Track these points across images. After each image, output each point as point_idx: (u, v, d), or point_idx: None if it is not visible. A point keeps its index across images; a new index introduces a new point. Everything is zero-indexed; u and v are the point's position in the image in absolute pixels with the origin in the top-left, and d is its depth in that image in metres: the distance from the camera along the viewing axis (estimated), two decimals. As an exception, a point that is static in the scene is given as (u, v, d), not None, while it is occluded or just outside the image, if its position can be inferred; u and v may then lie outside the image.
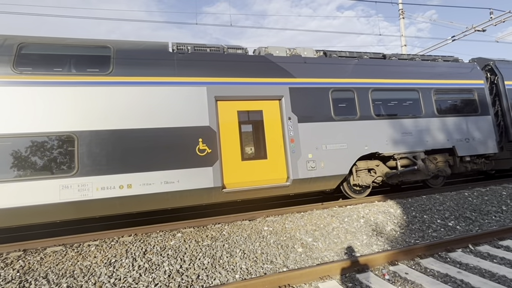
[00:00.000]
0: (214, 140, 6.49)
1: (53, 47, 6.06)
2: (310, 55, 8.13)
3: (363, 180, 7.76)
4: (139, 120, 6.08)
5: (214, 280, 4.03)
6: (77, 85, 5.85)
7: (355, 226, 5.78)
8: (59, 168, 5.56)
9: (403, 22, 16.21)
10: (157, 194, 5.98)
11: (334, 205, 7.42)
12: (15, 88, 5.53)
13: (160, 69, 6.44)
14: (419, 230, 5.63)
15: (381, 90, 8.12)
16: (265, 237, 5.35)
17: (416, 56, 9.37)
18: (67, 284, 3.97)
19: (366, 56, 8.65)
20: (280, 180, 6.97)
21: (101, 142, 5.80)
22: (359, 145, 7.57)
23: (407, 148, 8.02)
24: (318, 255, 4.72)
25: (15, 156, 5.37)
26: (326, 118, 7.41)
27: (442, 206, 6.78)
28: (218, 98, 6.73)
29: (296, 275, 3.79)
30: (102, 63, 6.18)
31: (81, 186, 5.59)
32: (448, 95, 8.85)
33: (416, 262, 4.24)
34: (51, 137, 5.59)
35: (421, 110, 8.39)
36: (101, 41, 6.44)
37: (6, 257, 4.89)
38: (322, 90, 7.53)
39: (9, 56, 5.67)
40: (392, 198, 7.73)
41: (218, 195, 6.44)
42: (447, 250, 4.56)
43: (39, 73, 5.74)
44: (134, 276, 4.13)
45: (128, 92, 6.11)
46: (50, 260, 4.71)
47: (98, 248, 5.10)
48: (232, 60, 7.10)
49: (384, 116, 7.98)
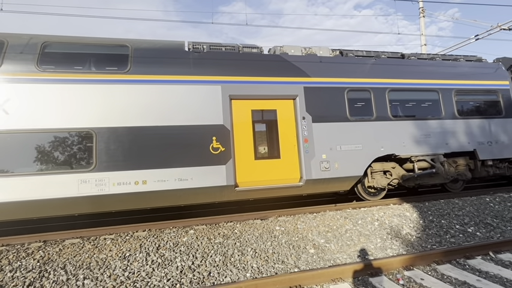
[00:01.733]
0: (228, 139, 6.52)
1: (74, 45, 6.26)
2: (326, 54, 8.02)
3: (378, 183, 7.60)
4: (155, 117, 6.20)
5: (225, 278, 4.05)
6: (96, 83, 6.02)
7: (369, 229, 5.67)
8: (78, 163, 5.75)
9: (423, 21, 15.74)
10: (171, 190, 6.07)
11: (348, 207, 7.31)
12: (38, 85, 5.75)
13: (177, 68, 6.53)
14: (437, 235, 5.46)
15: (399, 90, 7.92)
16: (277, 236, 5.33)
17: (436, 55, 9.08)
18: (84, 276, 4.09)
19: (383, 56, 8.45)
20: (293, 180, 6.92)
21: (118, 139, 5.95)
22: (375, 146, 7.42)
23: (426, 150, 7.78)
24: (330, 257, 4.66)
25: (37, 151, 5.59)
26: (341, 118, 7.29)
27: (461, 211, 6.54)
28: (232, 97, 6.75)
29: (308, 276, 3.75)
30: (121, 62, 6.33)
31: (99, 181, 5.75)
32: (470, 96, 8.52)
33: (432, 268, 4.11)
34: (72, 132, 5.78)
35: (441, 111, 8.12)
36: (120, 40, 6.60)
37: (28, 247, 5.10)
38: (338, 90, 7.42)
39: (33, 54, 5.91)
40: (409, 202, 7.53)
41: (231, 193, 6.47)
42: (466, 257, 4.40)
43: (61, 71, 5.95)
44: (147, 271, 4.22)
45: (145, 89, 6.23)
46: (68, 251, 4.88)
47: (113, 242, 5.23)
48: (247, 59, 7.11)
49: (402, 117, 7.77)
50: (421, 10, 15.72)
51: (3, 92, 5.58)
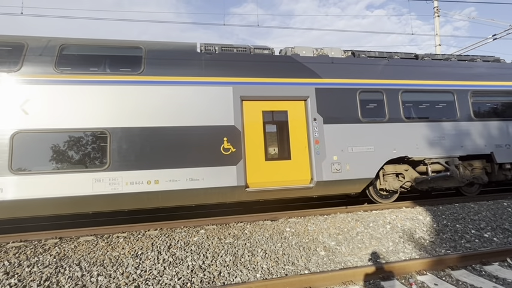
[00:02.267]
0: (239, 140, 6.55)
1: (90, 48, 6.43)
2: (337, 55, 7.96)
3: (390, 185, 7.48)
4: (168, 118, 6.29)
5: (236, 278, 4.07)
6: (110, 84, 6.16)
7: (380, 232, 5.59)
8: (92, 162, 5.89)
9: (438, 20, 15.40)
10: (182, 190, 6.14)
11: (359, 209, 7.22)
12: (56, 86, 5.93)
13: (189, 69, 6.62)
14: (451, 239, 5.33)
15: (412, 91, 7.78)
16: (287, 238, 5.32)
17: (452, 56, 8.87)
18: (97, 272, 4.19)
19: (396, 56, 8.33)
20: (303, 181, 6.89)
21: (132, 139, 6.06)
22: (387, 148, 7.31)
23: (440, 153, 7.61)
24: (341, 259, 4.61)
25: (54, 150, 5.76)
26: (353, 120, 7.22)
27: (477, 215, 6.36)
28: (244, 98, 6.79)
29: (318, 278, 3.73)
30: (134, 63, 6.46)
31: (112, 180, 5.88)
32: (487, 98, 8.28)
33: (447, 273, 4.02)
34: (87, 132, 5.93)
35: (456, 113, 7.93)
36: (133, 42, 6.73)
37: (44, 243, 5.26)
38: (350, 91, 7.35)
39: (51, 56, 6.09)
40: (422, 205, 7.38)
41: (241, 194, 6.50)
42: (482, 263, 4.27)
43: (77, 72, 6.11)
44: (159, 269, 4.28)
45: (158, 90, 6.33)
46: (83, 248, 5.00)
47: (125, 240, 5.33)
48: (258, 60, 7.13)
49: (415, 119, 7.63)
50: (436, 9, 15.40)
51: (23, 92, 5.78)
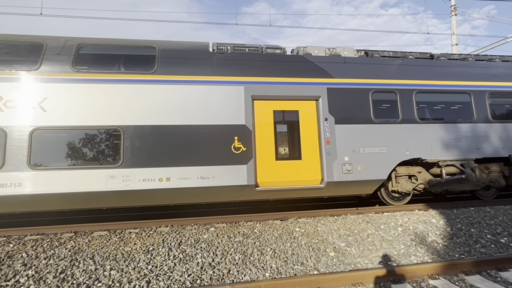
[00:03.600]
0: (250, 139, 6.57)
1: (106, 47, 6.58)
2: (350, 55, 7.87)
3: (403, 187, 7.35)
4: (180, 117, 6.37)
5: (245, 276, 4.09)
6: (125, 82, 6.29)
7: (392, 234, 5.51)
8: (106, 159, 6.03)
9: (455, 19, 15.01)
10: (193, 188, 6.22)
11: (370, 211, 7.13)
12: (73, 85, 6.10)
13: (201, 69, 6.68)
14: (465, 244, 5.20)
15: (427, 92, 7.61)
16: (297, 238, 5.31)
17: (469, 55, 8.64)
18: (110, 267, 4.30)
19: (411, 56, 8.16)
20: (314, 182, 6.86)
21: (144, 136, 6.18)
22: (400, 150, 7.18)
23: (455, 155, 7.43)
24: (351, 261, 4.57)
25: (70, 147, 5.93)
26: (365, 120, 7.13)
27: (494, 220, 6.18)
28: (255, 97, 6.80)
29: (327, 279, 3.71)
30: (148, 62, 6.57)
31: (125, 177, 6.01)
32: (506, 99, 8.03)
33: (460, 278, 3.93)
34: (101, 130, 6.08)
35: (473, 114, 7.72)
36: (147, 41, 6.85)
37: (60, 237, 5.42)
38: (362, 91, 7.26)
39: (69, 55, 6.27)
40: (435, 208, 7.22)
41: (251, 193, 6.52)
42: (498, 269, 4.16)
43: (93, 71, 6.27)
44: (169, 265, 4.35)
45: (171, 89, 6.43)
46: (96, 243, 5.14)
47: (137, 236, 5.44)
48: (270, 60, 7.14)
49: (430, 120, 7.47)
50: (453, 8, 15.01)
51: (41, 90, 5.97)
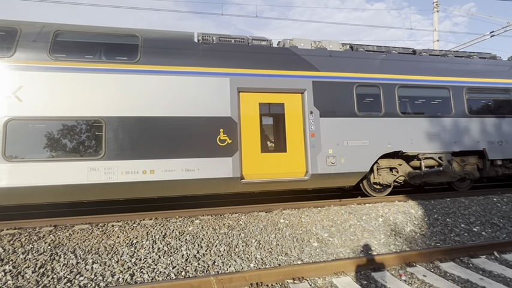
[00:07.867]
0: (235, 131, 6.56)
1: (86, 35, 6.32)
2: (335, 48, 7.94)
3: (384, 179, 7.58)
4: (164, 108, 6.25)
5: (230, 267, 4.13)
6: (106, 72, 6.09)
7: (373, 225, 5.69)
8: (87, 151, 5.86)
9: (437, 16, 15.37)
10: (178, 180, 6.16)
11: (353, 202, 7.32)
12: (50, 73, 5.84)
13: (186, 59, 6.55)
14: (441, 233, 5.45)
15: (409, 87, 7.82)
16: (281, 229, 5.39)
17: (449, 52, 8.90)
18: (92, 260, 4.22)
19: (394, 51, 8.33)
20: (298, 174, 6.95)
21: (127, 128, 6.03)
22: (382, 143, 7.38)
23: (433, 148, 7.71)
24: (333, 250, 4.70)
25: (48, 138, 5.72)
26: (349, 114, 7.25)
27: (468, 210, 6.50)
28: (241, 90, 6.76)
29: (310, 269, 3.81)
30: (131, 52, 6.37)
31: (108, 170, 5.87)
32: (482, 95, 8.36)
33: (435, 265, 4.13)
34: (81, 121, 5.88)
35: (451, 109, 8.00)
36: (130, 30, 6.63)
37: (39, 231, 5.26)
38: (347, 85, 7.36)
39: (46, 42, 5.98)
40: (414, 199, 7.50)
41: (236, 185, 6.54)
42: (470, 256, 4.39)
43: (72, 59, 6.02)
44: (154, 258, 4.33)
45: (154, 80, 6.28)
46: (78, 236, 5.02)
47: (121, 229, 5.36)
48: (256, 51, 7.09)
49: (411, 114, 7.69)
50: (435, 4, 15.34)
51: (16, 79, 5.68)
